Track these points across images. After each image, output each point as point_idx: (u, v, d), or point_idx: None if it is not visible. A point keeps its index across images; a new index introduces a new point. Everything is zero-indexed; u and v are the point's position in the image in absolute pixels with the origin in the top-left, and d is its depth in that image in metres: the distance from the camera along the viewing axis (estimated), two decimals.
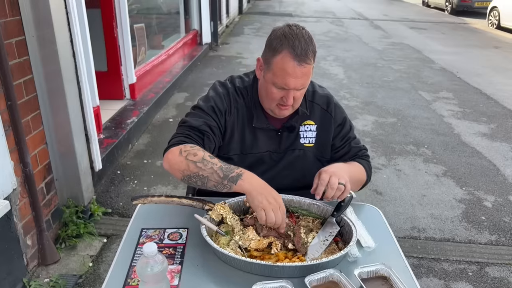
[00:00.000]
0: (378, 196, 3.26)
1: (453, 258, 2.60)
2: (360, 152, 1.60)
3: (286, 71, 1.30)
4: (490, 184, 3.48)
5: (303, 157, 1.54)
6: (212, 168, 1.27)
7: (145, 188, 3.24)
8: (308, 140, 1.54)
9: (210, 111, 1.45)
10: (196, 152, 1.30)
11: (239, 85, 1.52)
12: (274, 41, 1.33)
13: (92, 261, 2.45)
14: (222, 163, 1.29)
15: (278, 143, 1.52)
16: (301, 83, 1.34)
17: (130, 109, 4.25)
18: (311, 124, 1.54)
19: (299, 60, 1.29)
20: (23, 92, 2.18)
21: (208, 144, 1.42)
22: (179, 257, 1.24)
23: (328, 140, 1.56)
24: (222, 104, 1.46)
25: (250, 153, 1.52)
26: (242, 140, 1.51)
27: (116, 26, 4.14)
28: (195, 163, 1.28)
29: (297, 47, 1.28)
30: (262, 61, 1.40)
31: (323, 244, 1.26)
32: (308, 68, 1.32)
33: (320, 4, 17.55)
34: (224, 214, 1.33)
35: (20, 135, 2.09)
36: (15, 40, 2.11)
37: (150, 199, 1.38)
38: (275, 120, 1.50)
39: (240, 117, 1.49)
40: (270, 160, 1.53)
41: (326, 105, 1.55)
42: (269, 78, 1.36)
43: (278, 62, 1.31)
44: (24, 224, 2.22)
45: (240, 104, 1.49)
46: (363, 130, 4.51)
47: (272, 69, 1.34)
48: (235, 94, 1.50)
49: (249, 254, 1.25)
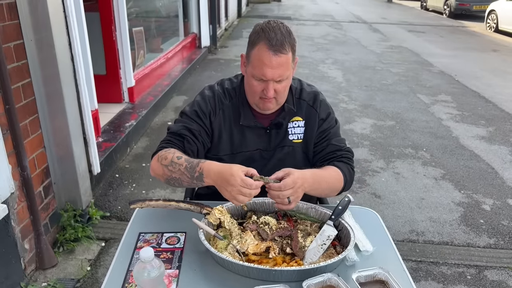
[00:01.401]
0: (376, 199, 3.26)
1: (451, 261, 2.60)
2: (339, 152, 1.53)
3: (263, 61, 1.34)
4: (489, 187, 3.48)
5: (293, 153, 1.55)
6: (180, 169, 1.34)
7: (143, 192, 3.23)
8: (297, 136, 1.55)
9: (194, 115, 1.50)
10: (166, 156, 1.38)
11: (227, 86, 1.55)
12: (253, 35, 1.39)
13: (90, 265, 2.44)
14: (187, 163, 1.33)
15: (268, 141, 1.53)
16: (279, 73, 1.35)
17: (129, 113, 4.25)
18: (299, 120, 1.55)
19: (274, 50, 1.32)
20: (21, 95, 2.18)
21: (189, 147, 1.47)
22: (176, 262, 1.24)
23: (313, 135, 1.55)
24: (206, 107, 1.51)
25: (240, 152, 1.53)
26: (230, 139, 1.52)
27: (115, 29, 4.15)
28: (166, 167, 1.37)
29: (272, 38, 1.32)
30: (245, 57, 1.45)
31: (321, 248, 1.25)
32: (284, 58, 1.34)
33: (318, 7, 17.60)
34: (222, 218, 1.32)
35: (18, 138, 2.09)
36: (14, 44, 2.11)
37: (148, 203, 1.38)
38: (262, 119, 1.52)
39: (226, 117, 1.52)
40: (261, 158, 1.54)
41: (312, 101, 1.56)
42: (249, 71, 1.41)
43: (255, 53, 1.36)
44: (22, 228, 2.21)
45: (226, 105, 1.52)
46: (361, 133, 4.52)
47: (251, 61, 1.39)
48: (222, 96, 1.53)
49: (247, 258, 1.25)
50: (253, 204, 1.43)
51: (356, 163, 1.90)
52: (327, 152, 1.55)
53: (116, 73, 4.28)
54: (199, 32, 7.80)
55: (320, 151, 1.56)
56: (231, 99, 1.53)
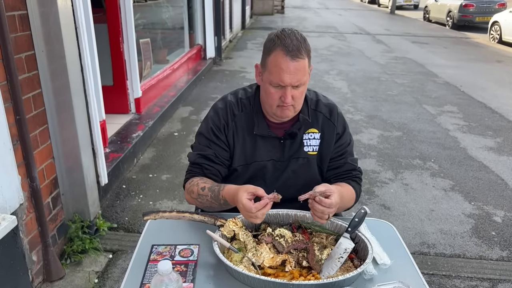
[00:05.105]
0: (386, 210, 3.22)
1: (464, 274, 2.55)
2: (354, 172, 1.57)
3: (280, 67, 1.33)
4: (499, 199, 3.44)
5: (307, 165, 1.53)
6: (207, 200, 1.41)
7: (150, 203, 3.21)
8: (312, 148, 1.53)
9: (210, 135, 1.51)
10: (192, 189, 1.46)
11: (241, 96, 1.54)
12: (268, 43, 1.39)
13: (97, 277, 2.41)
14: (210, 192, 1.40)
15: (282, 151, 1.52)
16: (297, 79, 1.35)
17: (136, 123, 4.25)
18: (315, 132, 1.53)
19: (291, 56, 1.32)
20: (31, 106, 2.18)
21: (209, 172, 1.49)
22: (191, 275, 1.22)
23: (329, 149, 1.54)
24: (220, 121, 1.50)
25: (253, 162, 1.51)
26: (243, 149, 1.51)
27: (122, 41, 4.17)
28: (196, 200, 1.45)
29: (289, 44, 1.33)
30: (260, 66, 1.45)
31: (338, 262, 1.23)
32: (301, 63, 1.34)
33: (322, 19, 17.73)
34: (236, 230, 1.30)
35: (28, 149, 2.08)
36: (25, 55, 2.12)
37: (161, 215, 1.36)
38: (277, 129, 1.51)
39: (239, 128, 1.51)
40: (274, 169, 1.52)
41: (329, 113, 1.55)
42: (266, 78, 1.40)
43: (272, 60, 1.36)
44: (30, 239, 2.19)
45: (238, 115, 1.51)
46: (368, 144, 4.49)
47: (267, 68, 1.38)
48: (234, 107, 1.52)
49: (263, 271, 1.22)
50: (267, 216, 1.40)
51: (364, 174, 1.89)
52: (344, 171, 1.56)
53: (123, 84, 4.29)
54: (204, 43, 7.86)
55: (336, 167, 1.56)
56: (245, 109, 1.52)
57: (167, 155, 4.06)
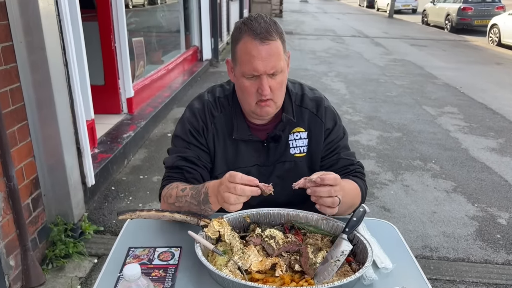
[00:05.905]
0: (386, 212, 3.09)
1: (469, 279, 2.42)
2: (352, 167, 1.41)
3: (250, 54, 1.20)
4: (503, 200, 3.31)
5: (295, 169, 1.38)
6: (186, 200, 1.23)
7: (140, 205, 3.08)
8: (299, 150, 1.39)
9: (188, 136, 1.37)
10: (170, 193, 1.28)
11: (219, 95, 1.40)
12: (235, 32, 1.26)
13: (80, 283, 2.27)
14: (192, 190, 1.23)
15: (266, 155, 1.38)
16: (271, 65, 1.20)
17: (127, 124, 4.13)
18: (301, 131, 1.38)
19: (261, 38, 1.19)
20: (9, 100, 2.06)
21: (190, 176, 1.33)
22: (170, 280, 1.09)
23: (319, 148, 1.39)
24: (198, 123, 1.36)
25: (237, 168, 1.36)
26: (225, 154, 1.37)
27: (114, 39, 4.05)
28: (174, 204, 1.27)
29: (256, 28, 1.20)
30: (230, 61, 1.32)
31: (334, 265, 1.10)
32: (273, 46, 1.20)
33: (320, 23, 17.70)
34: (222, 231, 1.17)
35: (4, 146, 1.95)
36: (2, 46, 2.00)
37: (138, 214, 1.23)
38: (258, 131, 1.37)
39: (219, 131, 1.37)
40: (259, 175, 1.35)
41: (315, 108, 1.39)
42: (238, 72, 1.26)
43: (241, 48, 1.22)
44: (7, 243, 2.06)
45: (217, 117, 1.37)
46: (367, 145, 4.37)
47: (237, 59, 1.25)
48: (212, 107, 1.37)
49: (250, 276, 1.09)
50: (256, 215, 1.28)
51: None
52: (339, 168, 1.39)
53: (115, 84, 4.17)
54: (201, 45, 7.77)
55: (329, 166, 1.40)
56: (224, 109, 1.37)
57: (159, 157, 3.93)
